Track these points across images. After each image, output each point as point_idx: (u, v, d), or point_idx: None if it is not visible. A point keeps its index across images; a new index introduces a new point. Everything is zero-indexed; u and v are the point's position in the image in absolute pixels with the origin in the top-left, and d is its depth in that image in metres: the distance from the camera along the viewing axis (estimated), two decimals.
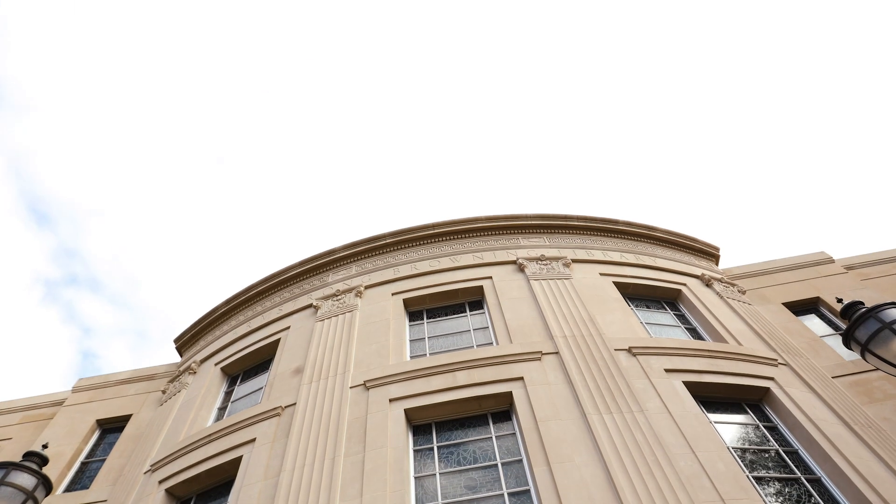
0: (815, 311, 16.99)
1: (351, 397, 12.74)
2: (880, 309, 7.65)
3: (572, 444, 10.45)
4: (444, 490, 10.46)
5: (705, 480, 9.60)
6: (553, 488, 9.64)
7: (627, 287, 16.43)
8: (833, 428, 11.29)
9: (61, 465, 15.61)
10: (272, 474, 11.41)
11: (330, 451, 11.29)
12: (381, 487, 10.19)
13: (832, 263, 18.49)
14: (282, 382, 14.26)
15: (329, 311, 16.29)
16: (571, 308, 14.31)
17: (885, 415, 12.21)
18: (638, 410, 11.04)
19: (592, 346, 12.87)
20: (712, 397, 12.32)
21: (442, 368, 12.67)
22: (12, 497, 6.91)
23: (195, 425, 14.70)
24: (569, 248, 17.70)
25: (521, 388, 12.00)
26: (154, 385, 18.61)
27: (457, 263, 16.97)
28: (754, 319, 15.26)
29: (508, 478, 10.47)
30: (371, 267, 17.99)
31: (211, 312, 19.78)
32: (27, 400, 19.24)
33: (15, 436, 17.91)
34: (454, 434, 11.69)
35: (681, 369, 12.44)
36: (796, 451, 11.21)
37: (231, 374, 17.11)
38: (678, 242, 19.21)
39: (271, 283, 19.17)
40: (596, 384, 11.80)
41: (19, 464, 7.16)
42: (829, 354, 14.35)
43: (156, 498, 12.66)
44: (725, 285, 17.18)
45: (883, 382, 13.03)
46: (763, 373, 12.68)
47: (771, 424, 11.87)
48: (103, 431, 17.47)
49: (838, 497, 10.13)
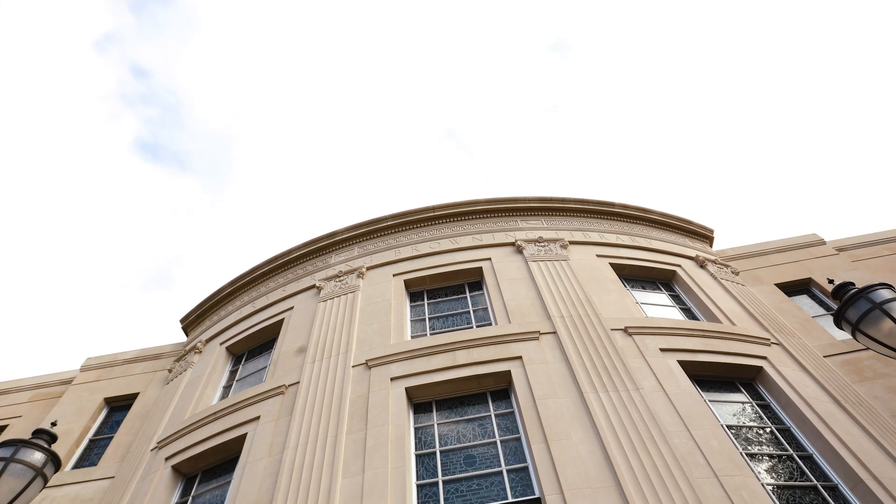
0: (806, 291, 16.96)
1: (353, 376, 12.73)
2: (871, 290, 7.62)
3: (569, 421, 10.44)
4: (445, 467, 10.45)
5: (699, 457, 9.59)
6: (551, 465, 9.63)
7: (623, 268, 16.40)
8: (824, 406, 11.28)
9: (70, 442, 15.62)
10: (276, 451, 11.41)
11: (332, 429, 11.28)
12: (383, 464, 10.18)
13: (823, 245, 18.44)
14: (285, 361, 14.25)
15: (332, 292, 16.26)
16: (569, 289, 14.28)
17: (876, 393, 12.19)
18: (634, 389, 11.02)
19: (589, 326, 12.85)
20: (706, 376, 12.30)
21: (442, 348, 12.65)
22: (22, 473, 6.89)
23: (201, 403, 14.69)
24: (566, 230, 17.66)
25: (519, 367, 11.98)
26: (160, 364, 18.61)
27: (457, 245, 16.93)
28: (747, 300, 15.23)
29: (507, 455, 10.46)
30: (373, 248, 17.95)
31: (216, 293, 19.76)
32: (36, 378, 19.25)
33: (25, 414, 17.92)
34: (454, 412, 11.69)
35: (676, 349, 12.42)
36: (788, 428, 11.20)
37: (236, 353, 17.11)
38: (673, 224, 19.16)
39: (275, 264, 19.14)
40: (592, 363, 11.79)
41: (29, 441, 7.14)
42: (821, 334, 14.32)
43: (162, 474, 12.67)
44: (719, 266, 17.14)
45: (873, 361, 13.01)
46: (756, 352, 12.66)
47: (764, 403, 11.86)
48: (111, 409, 17.48)
49: (829, 473, 10.12)
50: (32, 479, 6.99)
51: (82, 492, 13.77)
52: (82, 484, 14.03)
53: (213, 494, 11.93)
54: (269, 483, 10.71)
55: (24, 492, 6.89)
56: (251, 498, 10.51)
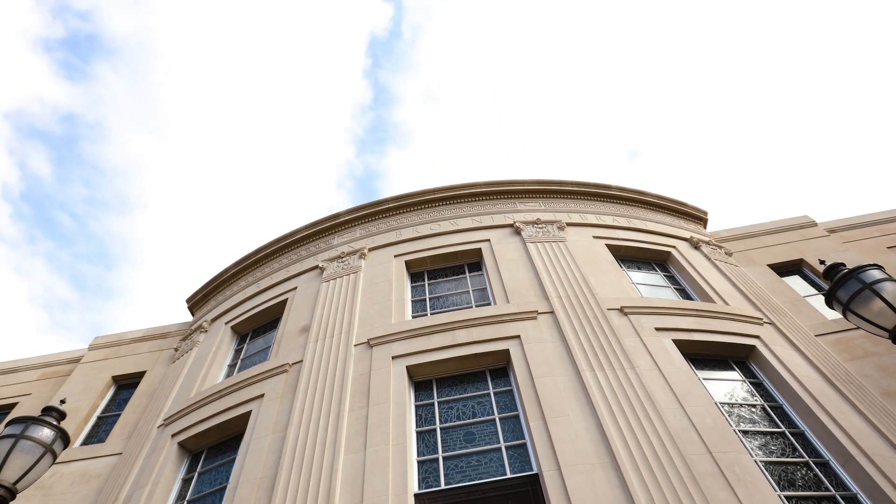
0: (798, 272, 16.91)
1: (355, 355, 12.70)
2: (861, 270, 7.58)
3: (566, 399, 10.41)
4: (445, 444, 10.43)
5: (693, 434, 9.57)
6: (548, 441, 9.61)
7: (619, 249, 16.33)
8: (816, 384, 11.25)
9: (78, 419, 15.61)
10: (280, 428, 11.40)
11: (335, 407, 11.26)
12: (384, 441, 10.17)
13: (815, 227, 18.38)
14: (289, 340, 14.23)
15: (334, 273, 16.21)
16: (566, 269, 14.23)
17: (866, 371, 12.17)
18: (629, 367, 10.99)
19: (586, 306, 12.81)
20: (700, 355, 12.26)
21: (442, 327, 12.61)
22: (32, 450, 6.87)
23: (206, 381, 14.68)
24: (563, 212, 17.59)
25: (517, 345, 11.95)
26: (167, 343, 18.60)
27: (456, 227, 16.87)
28: (740, 280, 15.18)
29: (506, 431, 10.44)
30: (374, 230, 17.89)
31: (221, 273, 19.73)
32: (45, 357, 19.23)
33: (34, 391, 17.91)
34: (454, 390, 11.66)
35: (670, 328, 12.37)
36: (781, 406, 11.17)
37: (241, 332, 17.09)
38: (668, 206, 19.09)
39: (279, 245, 19.10)
40: (589, 342, 11.75)
41: (38, 418, 7.10)
42: (812, 314, 14.29)
43: (169, 450, 12.66)
44: (713, 247, 17.08)
45: (864, 340, 12.98)
46: (749, 331, 12.62)
47: (757, 381, 11.83)
48: (118, 387, 17.47)
49: (821, 450, 10.10)
50: (42, 455, 6.96)
51: (90, 468, 13.79)
52: (91, 460, 14.04)
53: (219, 470, 11.93)
54: (274, 459, 10.70)
55: (34, 468, 6.86)
56: (256, 474, 10.51)
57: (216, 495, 11.27)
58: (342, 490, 9.54)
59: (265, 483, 10.25)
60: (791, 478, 9.48)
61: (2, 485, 6.40)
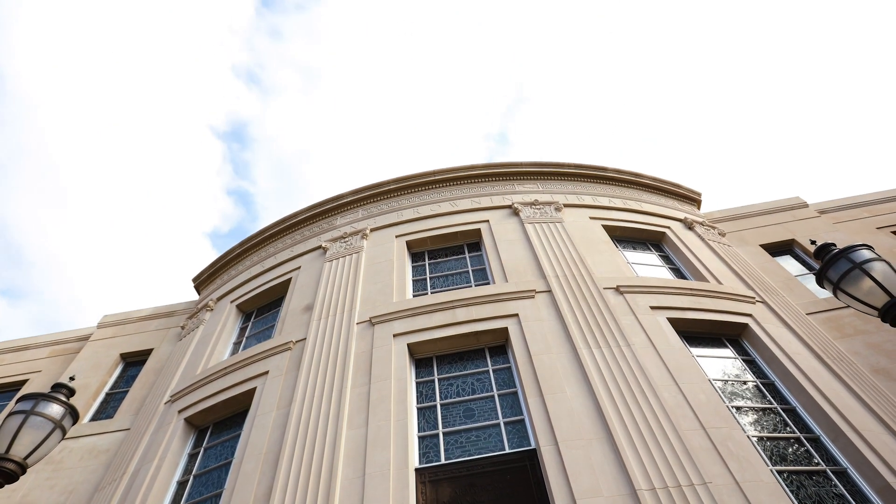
0: (790, 252, 16.85)
1: (357, 332, 12.66)
2: (851, 250, 7.53)
3: (563, 376, 10.38)
4: (445, 419, 10.40)
5: (687, 410, 9.54)
6: (546, 417, 9.59)
7: (615, 230, 16.25)
8: (807, 361, 11.22)
9: (87, 395, 15.59)
10: (284, 404, 11.38)
11: (338, 383, 11.23)
12: (386, 417, 10.14)
13: (806, 208, 18.31)
14: (293, 319, 14.19)
15: (337, 253, 16.15)
16: (563, 249, 14.18)
17: (856, 349, 12.14)
18: (625, 345, 10.95)
19: (582, 285, 12.76)
20: (694, 333, 12.22)
21: (442, 306, 12.55)
22: (41, 426, 6.83)
23: (212, 359, 14.65)
24: (561, 194, 17.52)
25: (515, 324, 11.90)
26: (174, 321, 18.58)
27: (456, 208, 16.79)
28: (733, 260, 15.13)
29: (504, 408, 10.42)
30: (376, 211, 17.81)
31: (227, 253, 19.67)
32: (55, 335, 19.20)
33: (44, 369, 17.90)
34: (454, 367, 11.62)
35: (665, 306, 12.33)
36: (773, 382, 11.15)
37: (246, 311, 17.04)
38: (662, 188, 19.02)
39: (283, 226, 19.03)
40: (586, 320, 11.71)
41: (48, 395, 7.06)
42: (804, 293, 14.25)
43: (175, 426, 12.65)
44: (706, 228, 17.02)
45: (853, 319, 12.95)
46: (742, 310, 12.58)
47: (749, 358, 11.80)
48: (126, 365, 17.44)
49: (812, 426, 10.08)
50: (51, 431, 6.92)
51: (99, 443, 13.79)
52: (99, 436, 14.05)
53: (224, 446, 11.91)
54: (278, 435, 10.68)
55: (44, 443, 6.82)
56: (260, 449, 10.49)
57: (222, 470, 11.26)
58: (345, 464, 9.52)
59: (269, 457, 10.24)
60: (783, 453, 9.46)
61: (13, 459, 6.36)
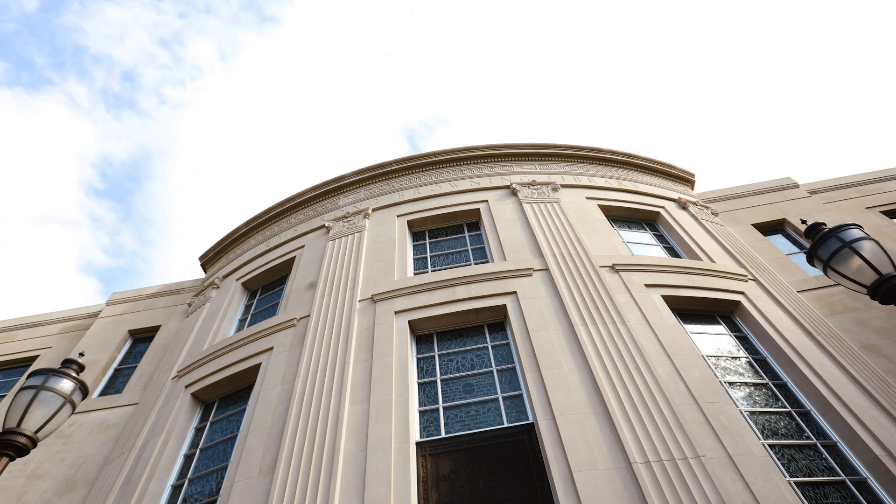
0: (781, 231, 16.78)
1: (359, 310, 12.61)
2: (841, 229, 7.51)
3: (560, 352, 10.33)
4: (445, 394, 10.37)
5: (681, 385, 9.51)
6: (543, 392, 9.55)
7: (611, 209, 16.17)
8: (798, 338, 11.18)
9: (97, 371, 15.58)
10: (288, 380, 11.35)
11: (340, 359, 11.19)
12: (387, 392, 10.11)
13: (797, 188, 18.22)
14: (297, 296, 14.15)
15: (340, 232, 16.09)
16: (560, 229, 14.12)
17: (845, 326, 12.11)
18: (620, 322, 10.91)
19: (579, 263, 12.70)
20: (688, 310, 12.16)
21: (443, 283, 12.49)
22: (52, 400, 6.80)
23: (218, 335, 14.62)
24: (558, 174, 17.43)
25: (514, 301, 11.85)
26: (181, 298, 18.54)
27: (456, 188, 16.71)
28: (726, 239, 15.07)
29: (503, 383, 10.38)
30: (378, 191, 17.73)
31: (233, 232, 19.62)
32: (65, 312, 19.18)
33: (54, 345, 17.88)
34: (453, 343, 11.58)
35: (659, 284, 12.27)
36: (764, 358, 11.11)
37: (251, 288, 16.99)
38: (657, 169, 18.93)
39: (287, 205, 18.96)
40: (582, 298, 11.66)
41: (58, 370, 7.02)
42: (795, 271, 14.20)
43: (182, 401, 12.63)
44: (700, 208, 16.94)
45: (843, 296, 12.90)
46: (734, 287, 12.52)
47: (741, 335, 11.75)
48: (135, 341, 17.41)
49: (802, 400, 10.05)
50: (62, 405, 6.89)
51: (108, 417, 13.79)
52: (108, 410, 14.04)
53: (230, 420, 11.89)
54: (282, 409, 10.65)
55: (54, 417, 6.79)
56: (265, 423, 10.47)
57: (227, 444, 11.25)
58: (347, 438, 9.49)
59: (274, 432, 10.22)
60: (774, 427, 9.43)
61: (23, 434, 6.32)
